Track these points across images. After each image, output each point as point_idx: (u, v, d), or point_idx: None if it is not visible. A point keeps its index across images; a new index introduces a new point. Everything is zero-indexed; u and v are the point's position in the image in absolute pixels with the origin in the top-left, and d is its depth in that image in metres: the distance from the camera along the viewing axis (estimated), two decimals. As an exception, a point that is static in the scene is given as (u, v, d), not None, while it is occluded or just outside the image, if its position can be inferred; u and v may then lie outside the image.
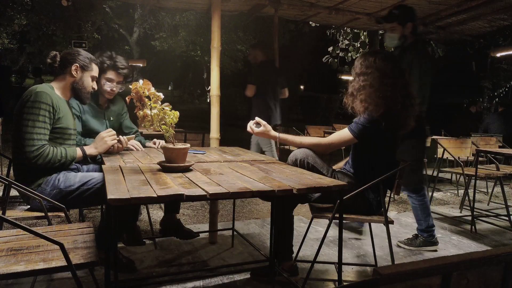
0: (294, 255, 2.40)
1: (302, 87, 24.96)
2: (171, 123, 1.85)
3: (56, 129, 2.08)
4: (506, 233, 3.58)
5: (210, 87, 3.10)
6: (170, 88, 32.34)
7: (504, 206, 3.97)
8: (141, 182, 1.60)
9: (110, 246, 1.80)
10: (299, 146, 2.28)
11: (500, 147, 5.22)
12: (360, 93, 2.15)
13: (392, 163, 2.23)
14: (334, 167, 2.37)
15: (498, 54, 6.43)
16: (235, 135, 3.10)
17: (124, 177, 1.67)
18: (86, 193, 2.04)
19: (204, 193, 1.47)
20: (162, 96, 1.88)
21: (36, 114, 1.98)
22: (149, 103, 1.83)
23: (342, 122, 8.67)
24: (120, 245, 2.62)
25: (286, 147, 5.21)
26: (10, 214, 2.03)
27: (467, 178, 4.07)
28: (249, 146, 4.40)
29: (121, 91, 2.65)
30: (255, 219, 3.71)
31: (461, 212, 4.26)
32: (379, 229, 3.16)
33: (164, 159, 1.90)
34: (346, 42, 8.11)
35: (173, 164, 1.83)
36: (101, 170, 2.02)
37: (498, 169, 4.14)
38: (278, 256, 2.34)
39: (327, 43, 8.32)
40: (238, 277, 2.43)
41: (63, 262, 1.35)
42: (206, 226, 3.23)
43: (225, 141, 3.29)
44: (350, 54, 8.23)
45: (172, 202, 2.49)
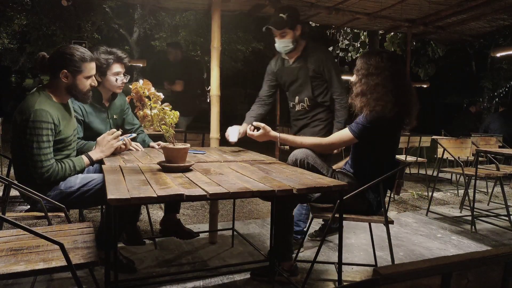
0: (294, 255, 2.40)
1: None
2: (171, 123, 1.85)
3: (56, 140, 2.05)
4: (506, 233, 3.58)
5: (210, 87, 3.09)
6: (170, 88, 32.24)
7: (504, 206, 3.97)
8: (141, 182, 1.60)
9: (110, 246, 1.81)
10: (300, 146, 2.28)
11: (500, 147, 5.22)
12: (371, 93, 2.12)
13: (392, 163, 2.23)
14: (334, 167, 2.37)
15: (498, 54, 6.41)
16: (235, 135, 3.10)
17: (124, 177, 1.67)
18: (87, 194, 2.04)
19: (204, 193, 1.47)
20: (162, 96, 1.88)
21: (39, 134, 1.93)
22: (149, 103, 1.83)
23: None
24: (120, 245, 2.62)
25: (286, 148, 5.21)
26: (10, 214, 2.04)
27: (467, 178, 4.07)
28: (249, 146, 4.40)
29: (126, 82, 2.62)
30: (255, 219, 3.71)
31: (461, 212, 4.26)
32: (379, 229, 3.16)
33: (164, 159, 1.90)
34: (346, 42, 8.12)
35: (173, 164, 1.83)
36: (101, 170, 2.02)
37: (498, 169, 4.14)
38: (278, 256, 2.34)
39: (327, 43, 8.32)
40: (238, 277, 2.43)
41: (63, 262, 1.35)
42: (206, 226, 3.23)
43: (225, 141, 3.29)
44: (350, 54, 8.24)
45: (172, 202, 2.49)
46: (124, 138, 2.35)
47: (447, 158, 5.34)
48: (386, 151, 2.24)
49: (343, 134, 2.21)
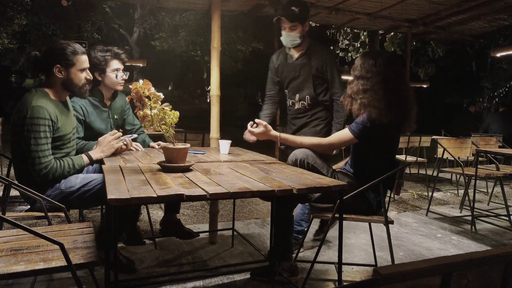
0: (294, 255, 2.40)
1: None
2: (171, 123, 1.85)
3: (55, 137, 2.05)
4: (506, 233, 3.58)
5: (210, 87, 3.10)
6: (170, 88, 32.34)
7: (504, 206, 3.98)
8: (141, 182, 1.60)
9: (110, 246, 1.81)
10: (300, 146, 2.28)
11: (500, 147, 5.22)
12: (360, 96, 2.14)
13: (392, 163, 2.23)
14: (334, 167, 2.37)
15: (498, 54, 6.42)
16: (235, 135, 3.08)
17: (124, 177, 1.67)
18: (87, 194, 2.04)
19: (204, 193, 1.47)
20: (162, 96, 1.88)
21: (37, 131, 1.93)
22: (149, 103, 1.83)
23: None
24: (120, 245, 2.62)
25: (282, 148, 5.20)
26: (10, 214, 2.04)
27: (467, 178, 4.07)
28: (249, 146, 4.40)
29: (126, 78, 2.63)
30: (255, 219, 3.71)
31: (461, 212, 4.26)
32: (379, 229, 3.16)
33: (164, 159, 1.90)
34: (346, 42, 8.12)
35: (173, 164, 1.83)
36: (101, 170, 2.02)
37: (498, 169, 4.14)
38: (278, 256, 2.34)
39: (327, 43, 8.32)
40: (238, 277, 2.43)
41: (63, 262, 1.35)
42: (206, 226, 3.23)
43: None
44: (350, 54, 8.24)
45: (172, 202, 2.49)
46: (125, 138, 2.36)
47: (447, 158, 5.34)
48: (386, 151, 2.24)
49: (343, 134, 2.21)
